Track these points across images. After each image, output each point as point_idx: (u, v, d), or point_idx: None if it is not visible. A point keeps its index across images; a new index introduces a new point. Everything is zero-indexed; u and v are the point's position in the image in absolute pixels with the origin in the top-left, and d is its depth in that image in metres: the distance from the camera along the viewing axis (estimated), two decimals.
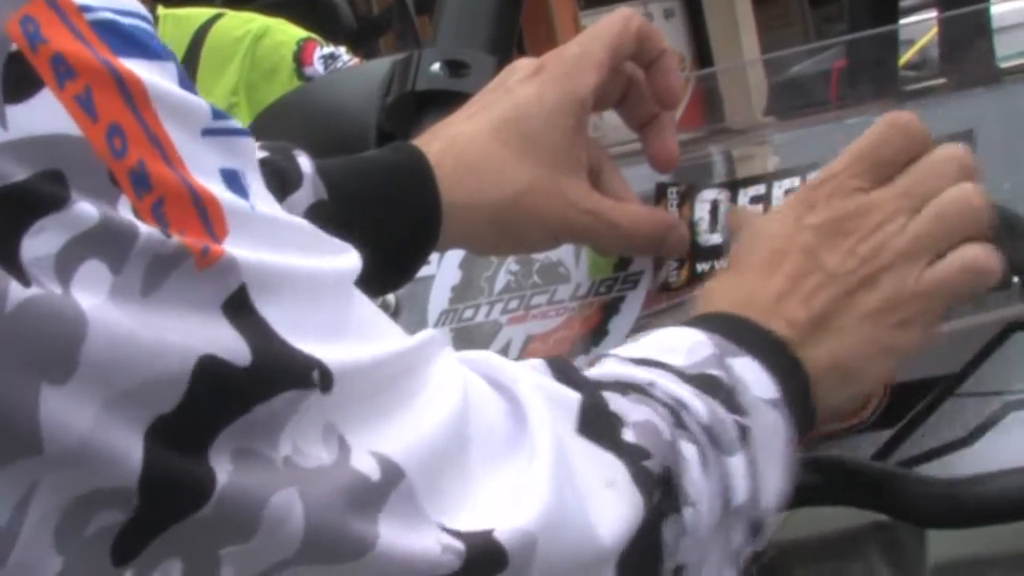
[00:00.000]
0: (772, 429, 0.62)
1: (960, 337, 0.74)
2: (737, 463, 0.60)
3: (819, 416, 0.66)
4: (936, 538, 0.75)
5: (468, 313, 0.89)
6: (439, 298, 0.90)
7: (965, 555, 0.75)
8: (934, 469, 0.71)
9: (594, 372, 0.63)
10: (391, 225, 0.79)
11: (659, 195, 0.86)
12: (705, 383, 0.61)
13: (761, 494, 0.61)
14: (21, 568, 0.42)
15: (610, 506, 0.54)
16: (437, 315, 0.90)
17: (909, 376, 0.73)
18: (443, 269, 0.91)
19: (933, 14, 1.29)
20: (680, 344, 0.63)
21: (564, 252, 0.87)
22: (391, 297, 0.92)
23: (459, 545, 0.48)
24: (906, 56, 1.27)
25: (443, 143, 0.81)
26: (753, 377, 0.63)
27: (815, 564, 0.79)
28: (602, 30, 0.81)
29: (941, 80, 1.08)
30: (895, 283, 0.67)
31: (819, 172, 0.73)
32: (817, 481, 0.72)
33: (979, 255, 0.67)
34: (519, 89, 0.81)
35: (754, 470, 0.61)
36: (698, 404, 0.60)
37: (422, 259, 0.82)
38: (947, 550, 0.75)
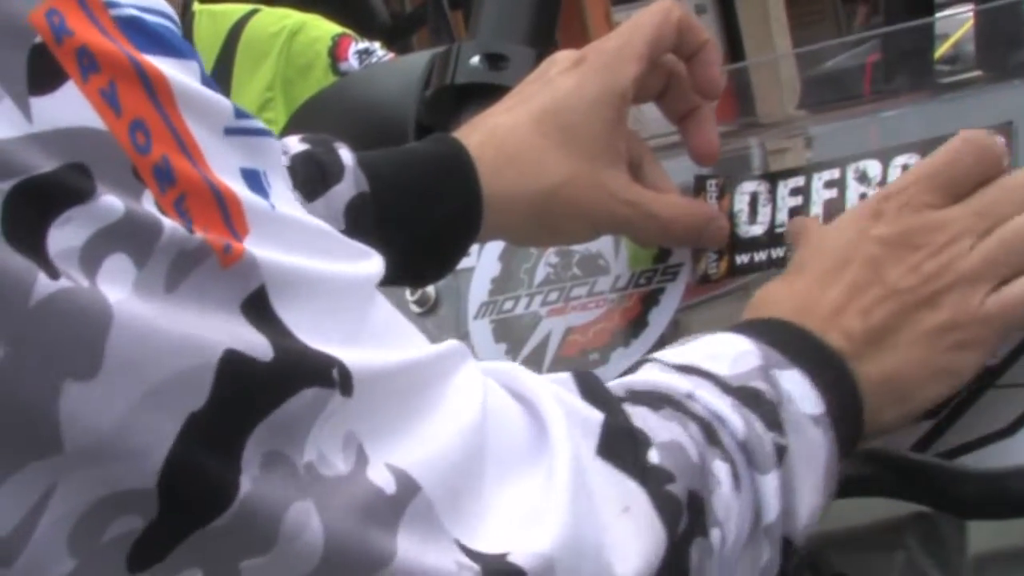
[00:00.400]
0: (813, 446, 0.61)
1: None
2: (770, 482, 0.59)
3: (866, 432, 0.66)
4: (976, 529, 0.75)
5: (508, 305, 0.89)
6: (479, 290, 0.90)
7: (1005, 546, 0.75)
8: (974, 460, 0.71)
9: (632, 379, 0.62)
10: (432, 216, 0.79)
11: (698, 187, 0.86)
12: (747, 396, 0.60)
13: (796, 511, 0.60)
14: (29, 569, 0.41)
15: (626, 537, 0.52)
16: (477, 307, 0.90)
17: None
18: (483, 261, 0.91)
19: (969, 8, 1.29)
20: (726, 352, 0.63)
21: (604, 244, 0.87)
22: (431, 289, 0.93)
23: (475, 566, 0.47)
24: (940, 50, 1.26)
25: (483, 135, 0.81)
26: (799, 391, 0.62)
27: (855, 554, 0.79)
28: (643, 22, 0.81)
29: (977, 73, 1.07)
30: (957, 305, 0.66)
31: (889, 184, 0.72)
32: (857, 472, 0.72)
33: None
34: (559, 81, 0.81)
35: (789, 489, 0.60)
36: (736, 419, 0.59)
37: (463, 250, 0.82)
38: (987, 541, 0.75)
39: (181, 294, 0.42)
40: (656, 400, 0.59)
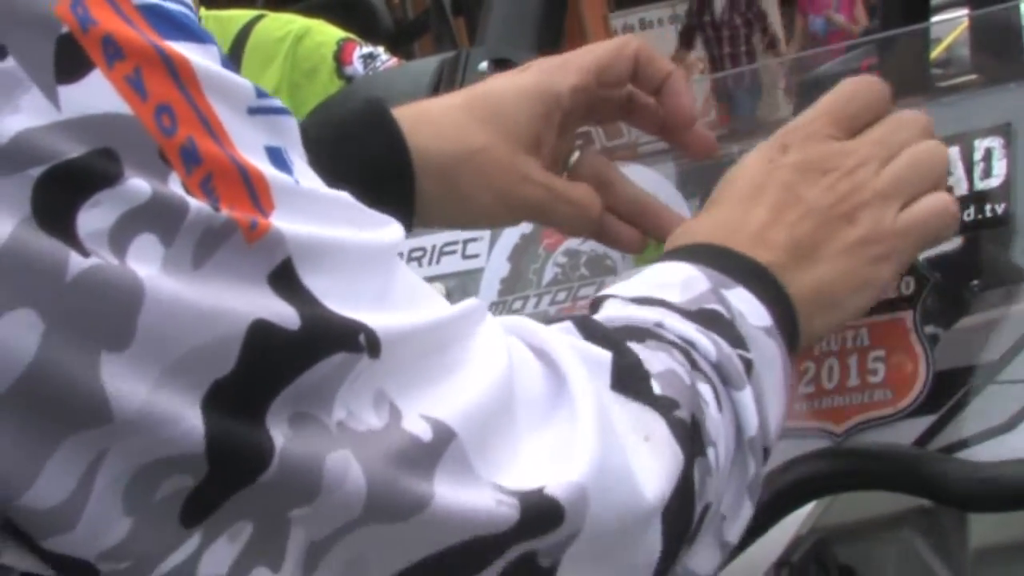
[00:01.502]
0: (770, 357, 0.64)
1: (1000, 324, 0.74)
2: (746, 396, 0.62)
3: (800, 341, 0.68)
4: (977, 522, 0.76)
5: (517, 305, 0.90)
6: (488, 290, 0.92)
7: (1006, 539, 0.76)
8: (976, 455, 0.72)
9: (601, 317, 0.64)
10: (355, 159, 0.77)
11: None
12: (707, 318, 0.63)
13: (768, 421, 0.63)
14: (90, 531, 0.43)
15: (650, 461, 0.55)
16: (487, 307, 0.91)
17: (950, 363, 0.74)
18: (492, 262, 0.93)
19: (963, 12, 1.30)
20: (673, 279, 0.65)
21: None
22: (442, 288, 0.94)
23: (513, 500, 0.50)
24: (934, 54, 1.28)
25: (409, 108, 0.81)
26: (748, 308, 0.65)
27: (859, 547, 0.80)
28: (596, 46, 0.82)
29: (972, 76, 1.09)
30: (873, 220, 0.70)
31: (789, 123, 0.74)
32: (860, 467, 0.74)
33: (949, 201, 0.71)
34: (499, 78, 0.83)
35: (760, 401, 0.63)
36: (705, 342, 0.62)
37: (405, 204, 0.79)
38: (988, 534, 0.76)
39: (208, 270, 0.44)
40: (638, 333, 0.61)
